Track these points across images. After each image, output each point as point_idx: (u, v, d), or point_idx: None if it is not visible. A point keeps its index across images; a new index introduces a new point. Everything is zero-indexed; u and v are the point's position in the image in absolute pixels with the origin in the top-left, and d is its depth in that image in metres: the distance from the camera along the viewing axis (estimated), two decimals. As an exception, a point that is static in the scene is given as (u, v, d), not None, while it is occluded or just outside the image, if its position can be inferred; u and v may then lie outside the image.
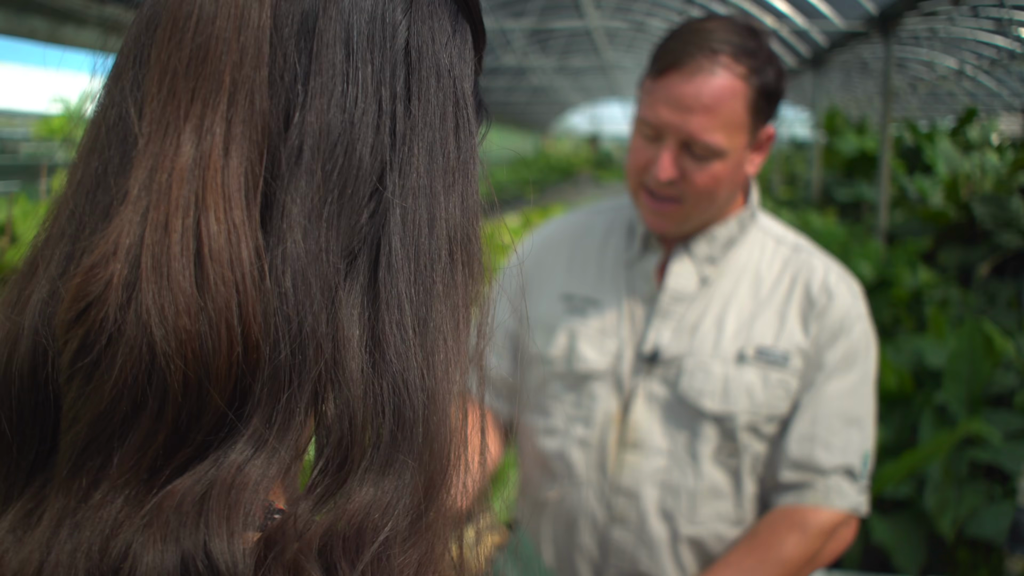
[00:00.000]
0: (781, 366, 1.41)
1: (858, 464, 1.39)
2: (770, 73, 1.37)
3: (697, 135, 1.32)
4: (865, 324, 1.46)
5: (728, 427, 1.41)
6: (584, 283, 1.55)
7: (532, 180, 28.26)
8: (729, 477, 1.43)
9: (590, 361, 1.49)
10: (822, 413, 1.39)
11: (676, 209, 1.40)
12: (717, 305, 1.46)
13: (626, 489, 1.44)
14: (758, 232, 1.52)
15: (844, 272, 1.51)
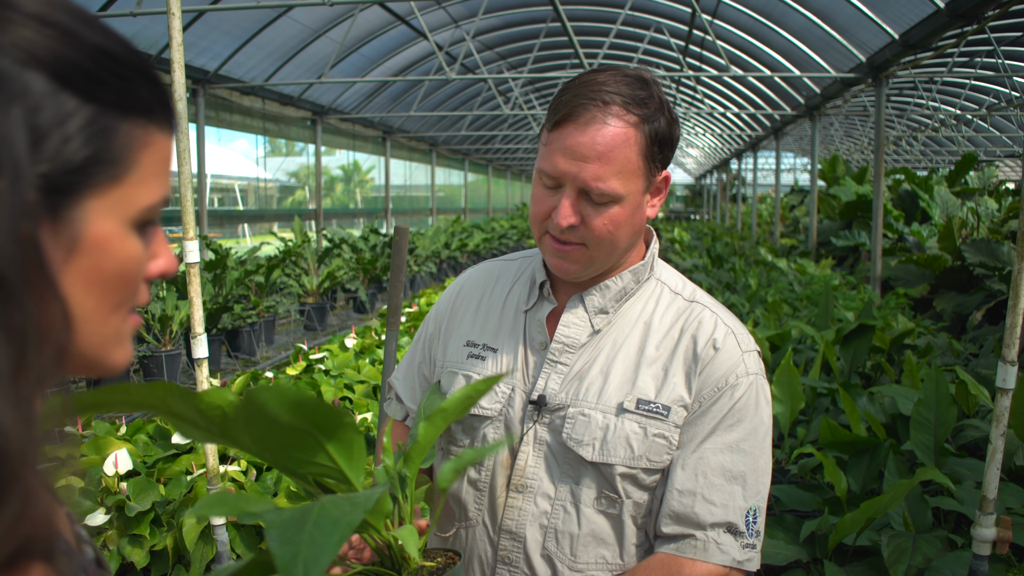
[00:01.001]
0: (661, 419, 1.40)
1: (740, 521, 1.37)
2: (661, 120, 1.38)
3: (592, 183, 1.35)
4: (754, 380, 1.43)
5: (608, 476, 1.41)
6: (486, 331, 1.59)
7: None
8: (611, 524, 1.43)
9: (481, 406, 1.51)
10: (703, 468, 1.38)
11: (580, 252, 1.41)
12: (605, 356, 1.47)
13: (511, 531, 1.46)
14: (655, 284, 1.53)
15: (738, 328, 1.48)
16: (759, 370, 1.45)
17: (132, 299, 0.74)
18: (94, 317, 0.70)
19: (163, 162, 0.74)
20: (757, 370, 1.44)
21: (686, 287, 1.55)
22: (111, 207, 0.68)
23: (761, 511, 1.40)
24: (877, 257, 10.00)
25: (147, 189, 0.71)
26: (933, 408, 3.64)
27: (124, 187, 0.69)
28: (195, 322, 2.85)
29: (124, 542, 3.12)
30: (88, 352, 0.72)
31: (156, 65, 9.23)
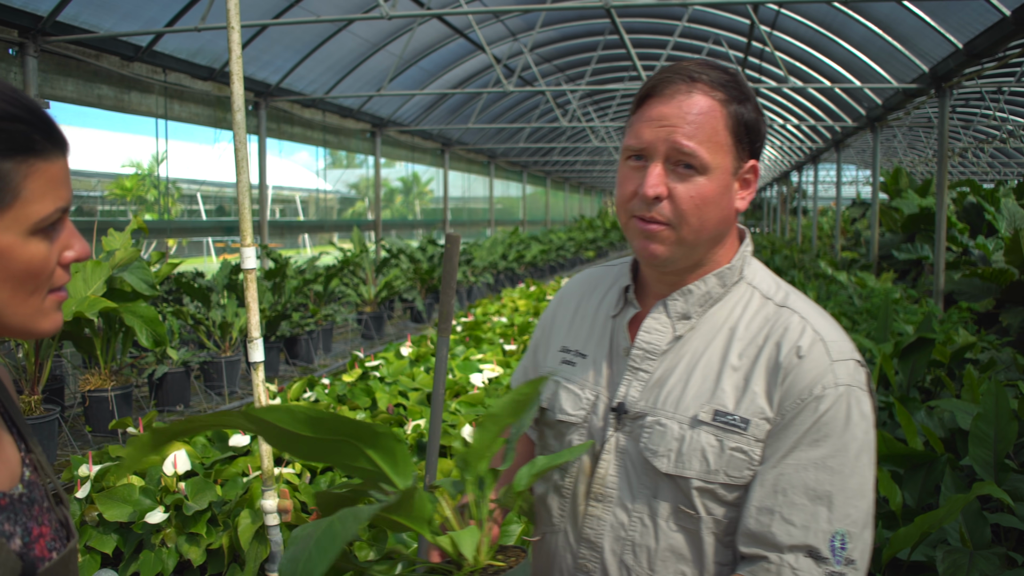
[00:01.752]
0: (739, 432, 1.33)
1: (824, 546, 1.25)
2: (748, 107, 1.38)
3: (680, 142, 1.33)
4: (846, 392, 1.31)
5: (684, 489, 1.36)
6: (579, 337, 1.59)
7: (590, 241, 28.28)
8: (689, 540, 1.37)
9: (567, 412, 1.51)
10: (783, 486, 1.29)
11: (666, 232, 1.37)
12: (686, 363, 1.42)
13: (590, 541, 1.44)
14: (746, 288, 1.46)
15: (830, 335, 1.37)
16: (854, 381, 1.32)
17: (45, 284, 0.99)
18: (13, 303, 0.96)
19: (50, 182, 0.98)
20: (850, 381, 1.32)
21: (779, 291, 1.46)
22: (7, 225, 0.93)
23: (854, 537, 1.26)
24: (940, 270, 9.81)
25: (37, 206, 0.95)
26: (993, 422, 3.57)
27: (15, 209, 0.93)
28: (251, 326, 2.92)
29: (181, 540, 3.20)
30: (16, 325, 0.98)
31: (219, 78, 9.46)
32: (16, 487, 1.02)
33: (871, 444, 1.31)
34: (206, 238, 18.55)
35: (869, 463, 1.30)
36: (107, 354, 5.81)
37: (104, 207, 19.95)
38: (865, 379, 1.35)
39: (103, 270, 5.32)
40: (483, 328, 6.81)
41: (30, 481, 1.05)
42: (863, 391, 1.33)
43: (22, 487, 1.03)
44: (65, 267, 1.02)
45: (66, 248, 1.02)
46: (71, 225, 1.03)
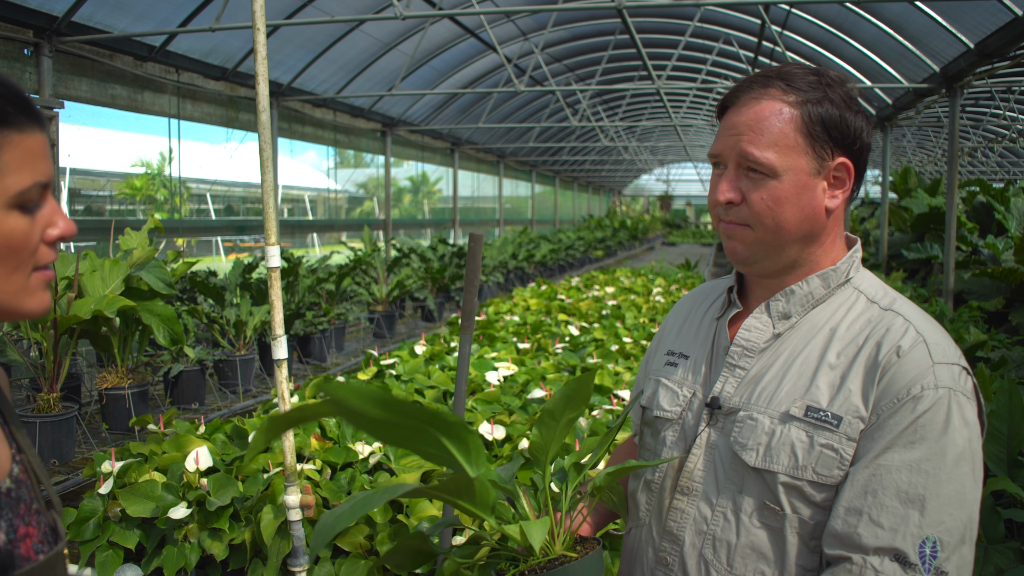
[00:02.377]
0: (831, 429, 1.32)
1: (912, 550, 1.21)
2: (827, 104, 1.38)
3: (746, 147, 1.37)
4: (946, 395, 1.28)
5: (770, 485, 1.36)
6: (684, 340, 1.63)
7: (599, 240, 28.30)
8: (771, 539, 1.36)
9: (664, 409, 1.55)
10: (873, 487, 1.26)
11: (745, 232, 1.42)
12: (783, 360, 1.43)
13: (672, 533, 1.46)
14: (851, 292, 1.46)
15: (934, 338, 1.34)
16: (957, 386, 1.29)
17: (29, 261, 0.96)
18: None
19: (26, 154, 0.95)
20: (952, 385, 1.29)
21: (886, 296, 1.45)
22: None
23: (947, 547, 1.21)
24: (950, 269, 9.83)
25: (15, 178, 0.93)
26: (1006, 419, 3.60)
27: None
28: (275, 324, 2.96)
29: (204, 535, 3.24)
30: (1, 304, 0.96)
31: (231, 78, 9.51)
32: (4, 481, 1.02)
33: (974, 454, 1.27)
34: (215, 237, 18.61)
35: (971, 473, 1.26)
36: (124, 352, 5.86)
37: (113, 207, 20.02)
38: (972, 387, 1.32)
39: (121, 269, 5.38)
40: (496, 327, 6.84)
41: (18, 479, 1.05)
42: (967, 397, 1.30)
43: (10, 482, 1.03)
44: (50, 245, 1.00)
45: (50, 225, 0.99)
46: (54, 202, 1.01)
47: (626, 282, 11.33)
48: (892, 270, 13.34)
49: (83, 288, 5.29)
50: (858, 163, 1.42)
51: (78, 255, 5.40)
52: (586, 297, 9.26)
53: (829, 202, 1.41)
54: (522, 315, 7.79)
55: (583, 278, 12.05)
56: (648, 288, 10.46)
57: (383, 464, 3.62)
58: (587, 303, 8.49)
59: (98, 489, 3.44)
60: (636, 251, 34.09)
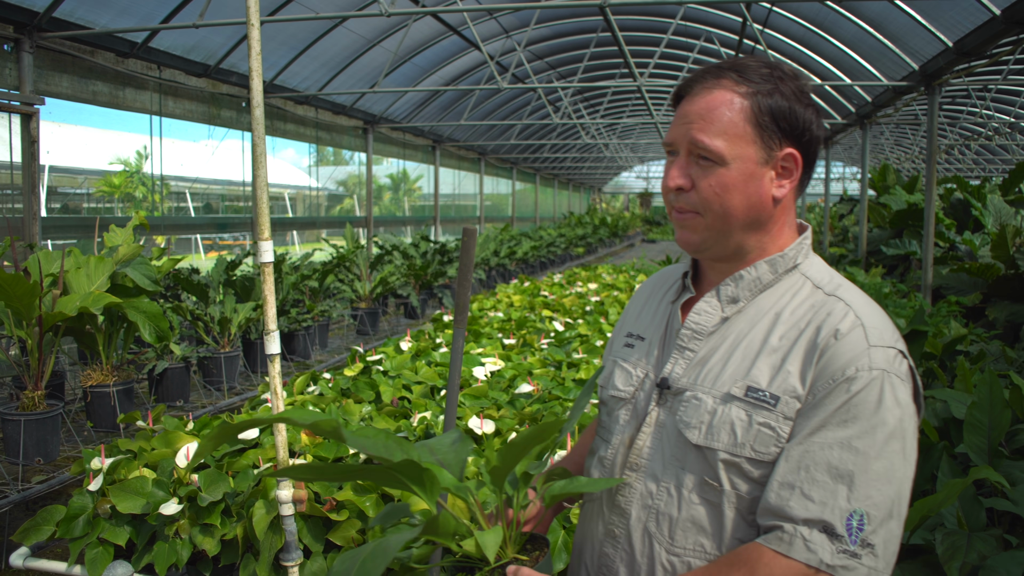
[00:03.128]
0: (769, 408, 1.37)
1: (840, 523, 1.26)
2: (778, 97, 1.42)
3: (696, 138, 1.42)
4: (880, 376, 1.32)
5: (711, 461, 1.41)
6: (642, 323, 1.69)
7: (580, 237, 28.36)
8: (710, 513, 1.41)
9: (618, 388, 1.62)
10: (806, 463, 1.31)
11: (695, 220, 1.46)
12: (729, 343, 1.47)
13: (620, 507, 1.52)
14: (798, 278, 1.50)
15: (873, 322, 1.39)
16: (891, 367, 1.34)
17: None
18: None
19: None
20: (886, 366, 1.33)
21: (831, 282, 1.49)
22: None
23: (873, 520, 1.27)
24: (928, 265, 9.93)
25: None
26: (987, 411, 3.66)
27: None
28: (268, 320, 2.97)
29: (196, 531, 3.25)
30: None
31: (213, 75, 9.48)
32: None
33: (906, 433, 1.32)
34: (195, 235, 18.52)
35: (901, 451, 1.31)
36: (109, 349, 5.84)
37: (91, 204, 19.88)
38: (906, 370, 1.36)
39: (107, 266, 5.36)
40: (481, 323, 6.87)
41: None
42: (901, 379, 1.34)
43: None
44: None
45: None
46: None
47: (608, 278, 11.37)
48: (871, 266, 13.45)
49: (68, 285, 5.26)
50: (807, 154, 1.47)
51: (63, 252, 5.38)
52: (569, 293, 9.30)
53: (776, 191, 1.46)
54: (506, 311, 7.82)
55: (565, 275, 12.09)
56: (630, 284, 10.50)
57: (373, 459, 3.63)
58: (571, 299, 8.52)
59: (87, 486, 3.43)
60: (616, 248, 34.18)
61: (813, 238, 10.08)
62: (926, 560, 3.05)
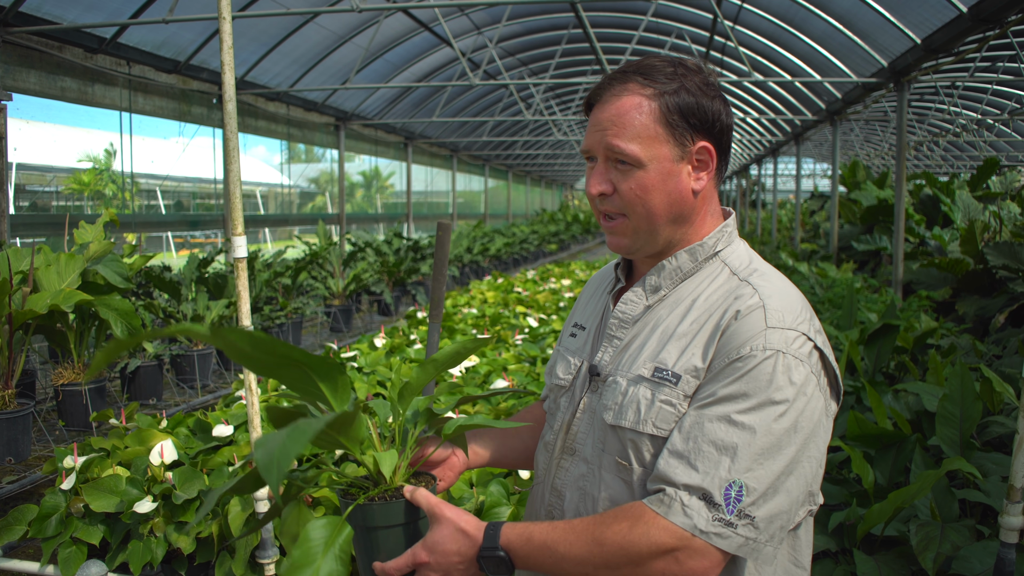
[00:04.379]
0: (670, 385, 1.42)
1: (718, 492, 1.30)
2: (684, 94, 1.46)
3: (611, 141, 1.45)
4: (775, 356, 1.36)
5: (622, 440, 1.46)
6: (585, 314, 1.75)
7: (553, 234, 28.40)
8: (624, 492, 1.46)
9: (559, 377, 1.68)
10: (695, 434, 1.35)
11: (623, 224, 1.51)
12: (649, 330, 1.53)
13: (558, 489, 1.58)
14: (717, 264, 1.54)
15: (775, 305, 1.42)
16: (788, 349, 1.37)
17: None
18: None
19: None
20: (782, 347, 1.36)
21: (747, 268, 1.53)
22: None
23: (753, 492, 1.31)
24: (899, 260, 10.02)
25: None
26: (959, 403, 3.70)
27: None
28: (242, 314, 2.95)
29: (170, 529, 3.22)
30: None
31: (184, 71, 9.39)
32: None
33: (799, 413, 1.35)
34: (166, 233, 18.36)
35: (791, 431, 1.34)
36: (80, 348, 5.78)
37: (59, 203, 19.64)
38: (807, 351, 1.39)
39: (77, 263, 5.30)
40: (455, 319, 6.86)
41: None
42: (797, 360, 1.37)
43: None
44: None
45: None
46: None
47: (581, 274, 11.39)
48: (842, 261, 13.57)
49: (38, 283, 5.20)
50: (719, 144, 1.51)
51: (32, 249, 5.31)
52: (543, 290, 9.31)
53: (695, 184, 1.50)
54: (480, 308, 7.82)
55: (539, 271, 12.10)
56: (604, 281, 10.51)
57: (348, 456, 3.62)
58: (544, 295, 8.54)
59: (60, 485, 3.40)
60: (589, 244, 34.25)
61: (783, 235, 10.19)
62: (900, 551, 3.08)
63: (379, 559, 1.42)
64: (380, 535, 1.42)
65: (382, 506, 1.41)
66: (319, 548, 1.30)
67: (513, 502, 3.11)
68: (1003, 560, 2.79)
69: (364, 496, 1.43)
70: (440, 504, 1.43)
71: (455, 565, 1.40)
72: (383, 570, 1.42)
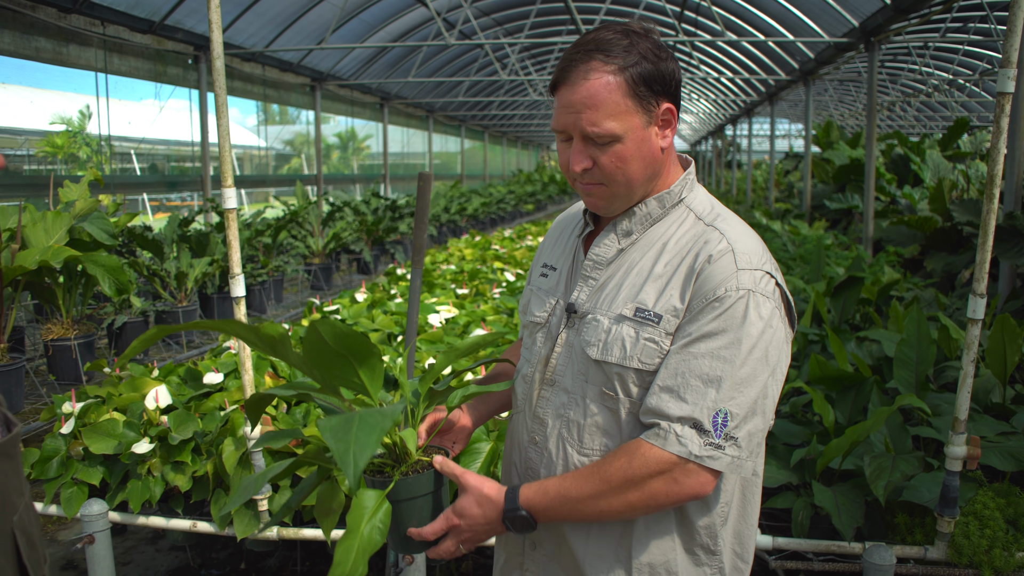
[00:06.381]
0: (653, 325, 1.57)
1: (706, 420, 1.48)
2: (644, 64, 1.57)
3: (589, 128, 1.57)
4: (746, 296, 1.53)
5: (608, 373, 1.61)
6: (554, 255, 1.88)
7: (529, 195, 28.49)
8: (611, 418, 1.63)
9: (535, 314, 1.82)
10: (682, 370, 1.51)
11: (601, 190, 1.64)
12: (623, 271, 1.67)
13: (539, 417, 1.74)
14: (683, 210, 1.69)
15: (743, 248, 1.58)
16: (756, 288, 1.53)
17: None
18: None
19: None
20: (752, 287, 1.53)
21: (711, 213, 1.68)
22: None
23: (736, 417, 1.49)
24: (869, 218, 10.24)
25: None
26: (915, 347, 3.90)
27: None
28: (233, 263, 3.09)
29: (167, 469, 3.38)
30: None
31: (159, 31, 9.37)
32: None
33: (768, 344, 1.53)
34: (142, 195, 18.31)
35: (764, 359, 1.53)
36: (68, 304, 5.89)
37: (32, 166, 19.49)
38: (771, 288, 1.56)
39: (64, 220, 5.40)
40: (434, 275, 7.01)
41: None
42: (764, 297, 1.54)
43: None
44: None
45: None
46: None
47: (559, 233, 11.51)
48: (815, 219, 13.79)
49: (27, 240, 5.30)
50: (676, 100, 1.65)
51: (19, 207, 5.40)
52: (520, 247, 9.46)
53: (662, 142, 1.64)
54: (458, 264, 7.97)
55: (515, 230, 12.24)
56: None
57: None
58: (521, 252, 8.69)
59: (59, 430, 3.54)
60: (565, 205, 34.29)
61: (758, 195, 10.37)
62: (856, 482, 3.28)
63: (412, 525, 1.60)
64: (408, 505, 1.60)
65: (415, 479, 1.60)
66: (367, 514, 1.50)
67: (492, 439, 3.29)
68: (948, 487, 3.00)
69: (398, 472, 1.61)
70: (464, 473, 1.62)
71: (482, 526, 1.60)
72: (419, 534, 1.60)
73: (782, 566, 3.22)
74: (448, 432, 1.88)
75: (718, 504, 1.64)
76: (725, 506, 1.65)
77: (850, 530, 3.04)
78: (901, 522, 3.24)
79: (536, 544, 1.76)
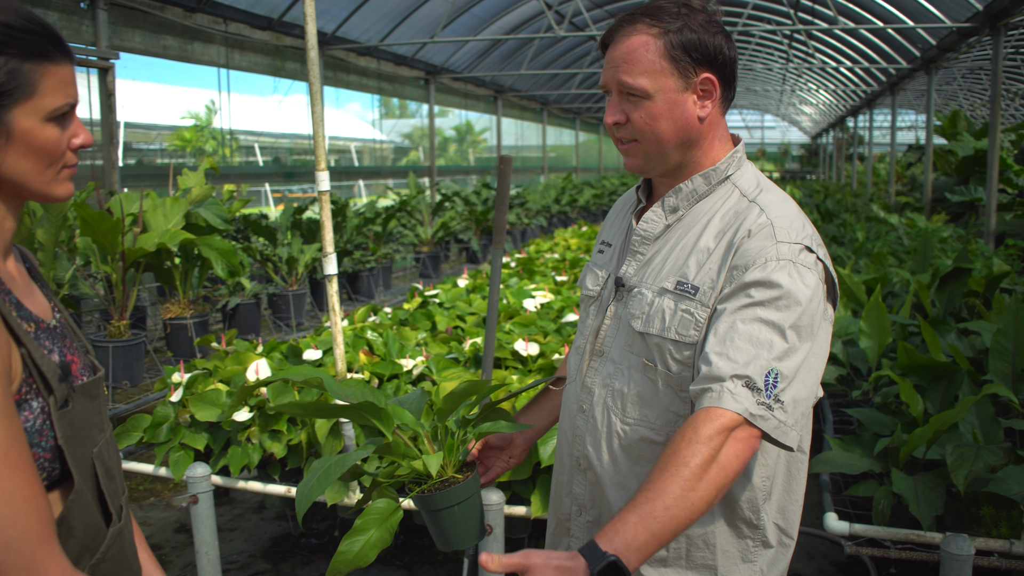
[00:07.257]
0: (690, 297, 1.63)
1: (759, 378, 1.47)
2: (686, 32, 1.63)
3: (623, 78, 1.65)
4: (787, 264, 1.56)
5: (649, 345, 1.68)
6: (611, 232, 1.97)
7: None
8: (652, 388, 1.69)
9: (589, 288, 1.90)
10: (731, 335, 1.52)
11: (635, 147, 1.71)
12: (669, 247, 1.73)
13: (588, 387, 1.81)
14: (729, 187, 1.73)
15: (783, 223, 1.62)
16: (796, 258, 1.56)
17: (59, 161, 1.32)
18: (33, 173, 1.28)
19: (60, 82, 1.29)
20: (791, 257, 1.56)
21: (755, 189, 1.72)
22: (29, 112, 1.24)
23: (785, 379, 1.49)
24: (992, 211, 9.87)
25: (51, 99, 1.27)
26: (1012, 337, 3.80)
27: (34, 100, 1.25)
28: (326, 242, 3.26)
29: (265, 437, 3.59)
30: (38, 190, 1.32)
31: (277, 28, 9.73)
32: (50, 321, 1.37)
33: (814, 313, 1.56)
34: (264, 186, 19.04)
35: (809, 327, 1.54)
36: (185, 285, 6.24)
37: (164, 160, 20.47)
38: (812, 261, 1.59)
39: (181, 206, 5.73)
40: (536, 263, 7.12)
41: (60, 321, 1.40)
42: (807, 268, 1.57)
43: (55, 322, 1.38)
44: (74, 151, 1.34)
45: (74, 136, 1.33)
46: (78, 119, 1.35)
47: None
48: (935, 213, 13.34)
49: (147, 223, 5.65)
50: (723, 75, 1.69)
51: (141, 194, 5.75)
52: (625, 238, 9.47)
53: (700, 111, 1.68)
54: (562, 253, 8.06)
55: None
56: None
57: (426, 375, 3.94)
58: (625, 242, 8.71)
59: (169, 398, 3.80)
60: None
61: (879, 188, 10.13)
62: (938, 472, 3.23)
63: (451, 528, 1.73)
64: (442, 515, 1.72)
65: (452, 490, 1.71)
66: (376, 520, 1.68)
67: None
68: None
69: (418, 488, 1.75)
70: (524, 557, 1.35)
71: None
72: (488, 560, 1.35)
73: (858, 552, 3.20)
74: (507, 447, 2.04)
75: (760, 478, 1.68)
76: (767, 480, 1.69)
77: (928, 518, 3.00)
78: (986, 514, 3.18)
79: (582, 510, 1.84)
